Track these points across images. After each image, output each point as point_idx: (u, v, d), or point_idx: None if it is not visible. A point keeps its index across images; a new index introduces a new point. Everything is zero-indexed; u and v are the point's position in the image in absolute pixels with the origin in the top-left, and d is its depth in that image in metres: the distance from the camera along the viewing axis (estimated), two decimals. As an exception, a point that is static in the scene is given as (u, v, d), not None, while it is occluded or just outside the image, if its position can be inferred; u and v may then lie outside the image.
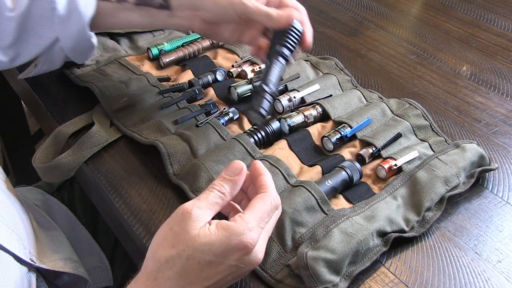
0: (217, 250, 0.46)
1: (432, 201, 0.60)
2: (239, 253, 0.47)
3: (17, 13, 0.66)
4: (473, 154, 0.65)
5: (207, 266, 0.47)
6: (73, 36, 0.69)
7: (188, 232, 0.47)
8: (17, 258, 0.56)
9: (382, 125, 0.71)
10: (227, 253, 0.47)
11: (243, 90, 0.77)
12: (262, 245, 0.49)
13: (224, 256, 0.47)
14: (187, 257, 0.46)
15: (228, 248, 0.46)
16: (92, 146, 0.68)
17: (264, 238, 0.49)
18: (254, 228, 0.47)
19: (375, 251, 0.55)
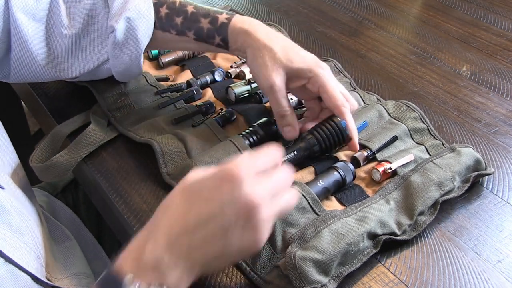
0: (207, 179, 0.46)
1: (425, 205, 0.60)
2: (226, 184, 0.44)
3: (72, 32, 0.66)
4: (468, 158, 0.65)
5: (198, 201, 0.45)
6: (125, 62, 0.68)
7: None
8: (33, 277, 0.56)
9: (378, 128, 0.71)
10: (214, 184, 0.45)
11: (241, 91, 0.77)
12: (258, 187, 0.45)
13: (213, 186, 0.45)
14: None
15: (215, 177, 0.45)
16: (88, 145, 0.68)
17: (262, 184, 0.45)
18: (243, 160, 0.45)
19: (365, 253, 0.55)
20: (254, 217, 0.45)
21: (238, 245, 0.45)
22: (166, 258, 0.44)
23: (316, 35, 0.98)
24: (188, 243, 0.44)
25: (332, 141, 0.64)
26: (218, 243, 0.45)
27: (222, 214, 0.44)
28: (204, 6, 0.69)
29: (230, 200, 0.44)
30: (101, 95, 0.74)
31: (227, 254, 0.46)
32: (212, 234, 0.44)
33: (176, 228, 0.45)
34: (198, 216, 0.45)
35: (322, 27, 1.01)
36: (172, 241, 0.45)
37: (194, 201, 0.46)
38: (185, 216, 0.45)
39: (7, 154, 0.64)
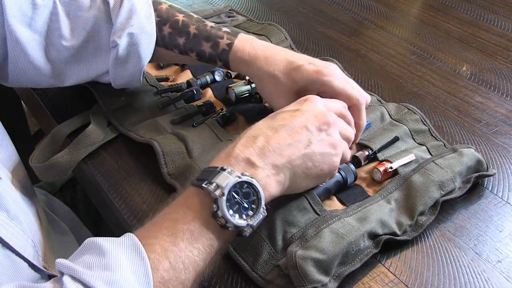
0: (288, 105, 0.57)
1: (426, 205, 0.60)
2: (304, 101, 0.56)
3: (72, 44, 0.66)
4: (470, 159, 0.65)
5: (282, 113, 0.55)
6: (126, 77, 0.69)
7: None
8: (31, 264, 0.56)
9: (380, 129, 0.71)
10: (295, 103, 0.57)
11: (241, 91, 0.77)
12: (328, 104, 0.58)
13: (294, 104, 0.57)
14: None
15: (295, 102, 0.57)
16: (88, 145, 0.68)
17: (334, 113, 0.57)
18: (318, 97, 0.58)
19: (366, 253, 0.55)
20: (330, 129, 0.55)
21: (319, 158, 0.53)
22: (255, 155, 0.50)
23: (316, 35, 0.98)
24: (275, 142, 0.51)
25: None
26: (302, 149, 0.52)
27: (301, 116, 0.54)
28: (206, 25, 0.69)
29: (307, 110, 0.55)
30: (101, 95, 0.74)
31: (310, 166, 0.53)
32: (298, 137, 0.52)
33: (263, 132, 0.52)
34: (282, 121, 0.53)
35: (322, 27, 1.01)
36: (259, 142, 0.51)
37: (279, 114, 0.55)
38: (270, 124, 0.53)
39: (5, 148, 0.64)
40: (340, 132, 0.57)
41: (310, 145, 0.53)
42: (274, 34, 0.91)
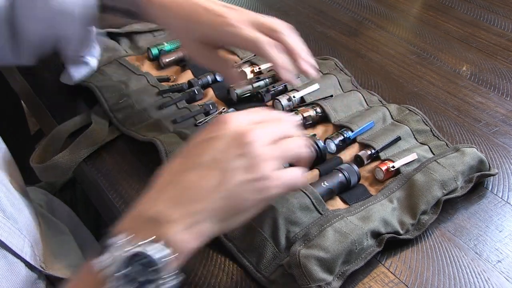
0: (200, 135, 0.47)
1: (428, 204, 0.60)
2: (216, 125, 0.46)
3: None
4: (472, 158, 0.65)
5: (192, 148, 0.47)
6: (41, 20, 0.66)
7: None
8: (28, 264, 0.56)
9: (381, 129, 0.71)
10: (205, 131, 0.47)
11: (243, 91, 0.77)
12: (248, 123, 0.47)
13: (204, 133, 0.47)
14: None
15: (204, 129, 0.48)
16: (89, 145, 0.68)
17: (255, 125, 0.47)
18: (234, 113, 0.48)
19: (369, 251, 0.55)
20: (247, 149, 0.44)
21: (242, 188, 0.44)
22: (163, 208, 0.42)
23: (316, 35, 0.98)
24: (187, 188, 0.43)
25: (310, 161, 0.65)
26: (220, 186, 0.43)
27: (212, 148, 0.45)
28: None
29: (219, 135, 0.45)
30: (102, 96, 0.74)
31: (234, 201, 0.44)
32: (211, 173, 0.43)
33: (173, 179, 0.44)
34: (193, 160, 0.45)
35: (322, 27, 1.01)
36: (170, 190, 0.43)
37: (189, 152, 0.46)
38: (180, 167, 0.45)
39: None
40: (269, 139, 0.47)
41: (227, 180, 0.44)
42: (274, 34, 0.91)
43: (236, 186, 0.44)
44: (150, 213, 0.42)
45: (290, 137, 0.49)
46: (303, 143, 0.50)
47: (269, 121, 0.49)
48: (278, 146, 0.47)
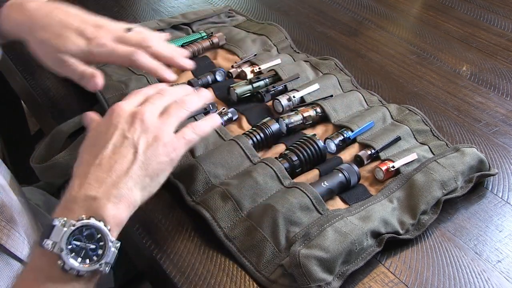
0: (96, 127, 0.55)
1: (428, 204, 0.60)
2: (111, 115, 0.54)
3: None
4: (472, 158, 0.65)
5: (98, 139, 0.53)
6: None
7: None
8: None
9: (381, 129, 0.71)
10: (103, 122, 0.54)
11: (243, 91, 0.77)
12: (141, 106, 0.55)
13: (103, 125, 0.54)
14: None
15: (102, 120, 0.55)
16: None
17: (144, 104, 0.55)
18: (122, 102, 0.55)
19: (369, 251, 0.55)
20: (143, 125, 0.52)
21: (153, 155, 0.52)
22: (92, 188, 0.48)
23: (316, 35, 0.98)
24: (107, 169, 0.49)
25: (310, 160, 0.65)
26: (135, 160, 0.51)
27: (118, 131, 0.52)
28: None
29: (119, 121, 0.53)
30: (102, 96, 0.74)
31: (150, 167, 0.51)
32: (124, 151, 0.51)
33: (92, 164, 0.50)
34: (104, 147, 0.51)
35: (322, 27, 1.01)
36: (93, 174, 0.49)
37: (97, 141, 0.53)
38: (95, 153, 0.51)
39: None
40: (158, 111, 0.55)
41: (137, 152, 0.51)
42: (274, 34, 0.91)
43: (146, 156, 0.51)
44: (80, 195, 0.48)
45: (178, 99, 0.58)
46: (184, 96, 0.58)
47: (153, 96, 0.57)
48: (167, 113, 0.55)
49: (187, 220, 0.60)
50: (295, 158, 0.65)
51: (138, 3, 1.07)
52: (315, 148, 0.66)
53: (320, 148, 0.66)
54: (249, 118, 0.74)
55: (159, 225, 0.60)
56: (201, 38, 0.88)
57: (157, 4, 1.07)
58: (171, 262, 0.56)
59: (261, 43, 0.89)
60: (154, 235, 0.59)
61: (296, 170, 0.65)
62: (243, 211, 0.59)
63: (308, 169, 0.65)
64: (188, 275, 0.55)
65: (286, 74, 0.79)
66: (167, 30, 0.92)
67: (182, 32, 0.92)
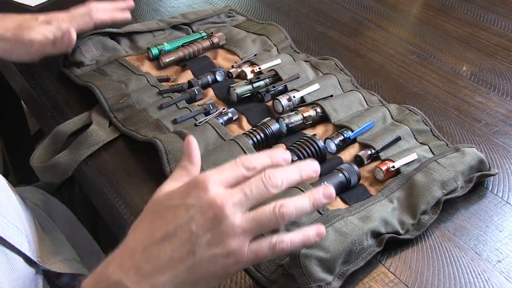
0: (174, 192, 0.45)
1: (428, 204, 0.60)
2: (193, 189, 0.43)
3: None
4: (472, 158, 0.65)
5: (165, 212, 0.44)
6: None
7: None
8: (27, 259, 0.56)
9: (381, 129, 0.71)
10: (181, 192, 0.44)
11: (243, 91, 0.77)
12: (225, 190, 0.43)
13: (179, 195, 0.44)
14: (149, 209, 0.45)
15: (181, 188, 0.45)
16: (90, 145, 0.68)
17: (234, 194, 0.43)
18: (207, 172, 0.44)
19: (369, 251, 0.55)
20: (218, 224, 0.42)
21: (208, 263, 0.42)
22: (128, 279, 0.41)
23: (316, 35, 0.98)
24: (154, 259, 0.42)
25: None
26: (186, 260, 0.42)
27: (188, 221, 0.42)
28: None
29: (195, 204, 0.42)
30: (102, 96, 0.74)
31: (197, 274, 0.42)
32: (180, 245, 0.42)
33: (142, 244, 0.43)
34: (164, 228, 0.43)
35: (322, 27, 1.01)
36: (136, 258, 0.42)
37: (161, 214, 0.44)
38: (151, 231, 0.43)
39: None
40: (246, 208, 0.44)
41: (195, 254, 0.42)
42: (274, 34, 0.91)
43: (202, 260, 0.42)
44: (113, 279, 0.42)
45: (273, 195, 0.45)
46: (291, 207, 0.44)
47: (256, 180, 0.44)
48: (257, 219, 0.44)
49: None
50: (295, 158, 0.65)
51: (138, 3, 1.07)
52: (315, 148, 0.66)
53: (320, 148, 0.66)
54: (249, 118, 0.74)
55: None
56: (201, 38, 0.88)
57: (157, 4, 1.07)
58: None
59: (261, 43, 0.89)
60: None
61: None
62: (243, 211, 0.59)
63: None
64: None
65: (286, 74, 0.79)
66: (167, 30, 0.92)
67: (182, 32, 0.92)
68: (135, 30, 0.89)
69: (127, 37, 0.89)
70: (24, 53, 0.73)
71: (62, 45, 0.69)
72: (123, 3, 0.83)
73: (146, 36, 0.90)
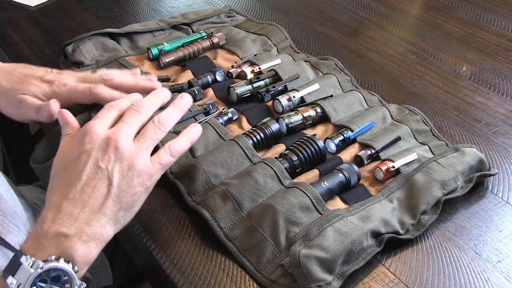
0: (69, 147, 0.52)
1: (428, 204, 0.60)
2: (84, 137, 0.51)
3: None
4: (472, 158, 0.65)
5: (70, 165, 0.50)
6: None
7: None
8: None
9: (381, 129, 0.71)
10: (74, 144, 0.52)
11: (243, 91, 0.77)
12: (114, 130, 0.52)
13: (75, 146, 0.51)
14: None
15: (73, 141, 0.52)
16: None
17: (119, 127, 0.52)
18: (90, 122, 0.53)
19: (369, 251, 0.55)
20: (116, 153, 0.50)
21: (128, 186, 0.50)
22: (64, 227, 0.46)
23: (316, 35, 0.98)
24: (80, 202, 0.48)
25: (310, 160, 0.65)
26: (107, 194, 0.49)
27: (94, 161, 0.50)
28: None
29: (92, 147, 0.50)
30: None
31: (124, 199, 0.50)
32: (97, 184, 0.48)
33: (65, 196, 0.48)
34: (76, 176, 0.49)
35: (322, 27, 1.01)
36: (64, 208, 0.47)
37: (69, 168, 0.50)
38: (67, 184, 0.49)
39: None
40: (133, 134, 0.53)
41: (112, 185, 0.49)
42: (274, 34, 0.91)
43: (121, 187, 0.50)
44: (51, 231, 0.47)
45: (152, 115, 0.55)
46: (165, 114, 0.56)
47: (129, 113, 0.54)
48: (143, 137, 0.53)
49: (187, 220, 0.60)
50: (295, 158, 0.65)
51: (138, 3, 1.07)
52: (315, 148, 0.66)
53: (320, 148, 0.66)
54: (249, 118, 0.74)
55: (159, 225, 0.60)
56: (201, 38, 0.88)
57: (157, 4, 1.07)
58: (171, 262, 0.56)
59: (261, 43, 0.89)
60: (153, 235, 0.59)
61: (296, 170, 0.65)
62: (243, 211, 0.59)
63: (308, 169, 0.65)
64: (188, 275, 0.55)
65: (286, 74, 0.79)
66: (167, 30, 0.92)
67: (182, 32, 0.92)
68: (135, 30, 0.89)
69: (127, 37, 0.89)
70: (12, 111, 0.67)
71: (43, 115, 0.64)
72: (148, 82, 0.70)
73: (146, 36, 0.90)
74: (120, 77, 0.68)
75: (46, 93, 0.65)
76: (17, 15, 1.02)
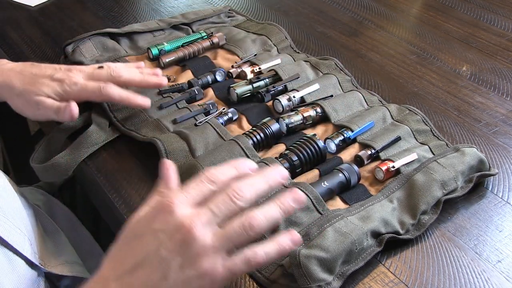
0: (142, 218, 0.45)
1: (428, 204, 0.60)
2: (159, 214, 0.43)
3: None
4: (472, 158, 0.65)
5: (133, 240, 0.44)
6: None
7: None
8: (28, 262, 0.56)
9: (381, 129, 0.71)
10: (148, 218, 0.44)
11: (243, 91, 0.77)
12: (192, 210, 0.43)
13: (146, 221, 0.44)
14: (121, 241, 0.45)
15: (148, 213, 0.44)
16: (89, 145, 0.68)
17: (201, 213, 0.43)
18: (174, 192, 0.45)
19: (369, 251, 0.55)
20: (190, 245, 0.42)
21: (184, 284, 0.42)
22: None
23: (316, 35, 0.98)
24: (127, 287, 0.42)
25: (310, 160, 0.65)
26: (160, 285, 0.41)
27: (157, 246, 0.42)
28: None
29: (162, 229, 0.42)
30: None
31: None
32: (152, 272, 0.42)
33: (114, 273, 0.42)
34: (133, 256, 0.43)
35: (322, 27, 1.01)
36: (105, 273, 0.42)
37: (131, 242, 0.44)
38: (122, 260, 0.43)
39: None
40: (215, 224, 0.44)
41: (168, 279, 0.42)
42: (274, 34, 0.91)
43: (176, 285, 0.42)
44: None
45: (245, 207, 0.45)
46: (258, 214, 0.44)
47: (225, 194, 0.44)
48: (222, 236, 0.43)
49: (187, 220, 0.60)
50: (295, 158, 0.65)
51: (138, 3, 1.07)
52: (315, 148, 0.66)
53: (320, 148, 0.66)
54: (249, 118, 0.74)
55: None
56: (201, 38, 0.88)
57: (157, 4, 1.07)
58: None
59: (261, 43, 0.89)
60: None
61: (296, 170, 0.65)
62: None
63: (308, 169, 0.65)
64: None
65: (286, 74, 0.79)
66: (167, 30, 0.92)
67: (182, 32, 0.92)
68: (135, 30, 0.89)
69: (127, 37, 0.89)
70: (31, 112, 0.68)
71: (64, 117, 0.65)
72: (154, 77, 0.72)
73: (146, 36, 0.90)
74: (127, 73, 0.69)
75: (58, 93, 0.66)
76: (17, 15, 1.02)
